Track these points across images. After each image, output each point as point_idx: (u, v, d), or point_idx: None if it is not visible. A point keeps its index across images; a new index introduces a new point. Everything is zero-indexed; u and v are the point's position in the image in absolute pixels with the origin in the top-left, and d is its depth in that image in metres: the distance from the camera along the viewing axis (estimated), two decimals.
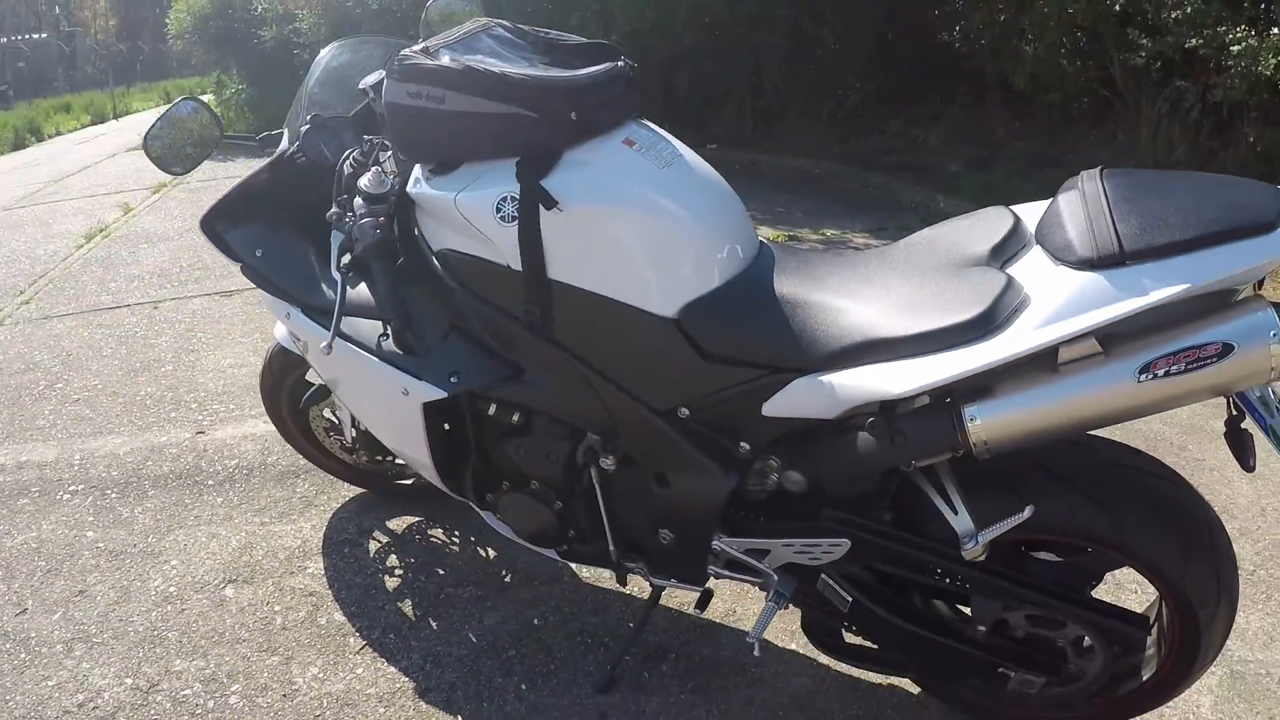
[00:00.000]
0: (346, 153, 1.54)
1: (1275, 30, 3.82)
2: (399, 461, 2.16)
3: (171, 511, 2.32)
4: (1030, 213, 1.26)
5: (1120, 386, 1.06)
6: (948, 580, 1.36)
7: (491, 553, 2.13)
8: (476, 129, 1.30)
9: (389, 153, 1.52)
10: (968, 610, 1.42)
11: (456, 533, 2.20)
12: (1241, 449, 1.09)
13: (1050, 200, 1.19)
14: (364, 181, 1.43)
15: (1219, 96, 4.18)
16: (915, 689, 1.68)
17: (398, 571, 2.07)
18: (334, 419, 2.10)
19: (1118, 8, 4.61)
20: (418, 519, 2.25)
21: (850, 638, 1.55)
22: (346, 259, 1.45)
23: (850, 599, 1.40)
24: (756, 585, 1.52)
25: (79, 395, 2.97)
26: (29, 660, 1.85)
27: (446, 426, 1.60)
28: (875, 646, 1.53)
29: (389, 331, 1.46)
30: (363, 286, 1.48)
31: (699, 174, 1.41)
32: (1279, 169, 4.13)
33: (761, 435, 1.33)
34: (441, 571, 2.07)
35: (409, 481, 2.27)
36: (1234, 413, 1.11)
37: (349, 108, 1.67)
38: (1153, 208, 1.06)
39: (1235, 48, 3.83)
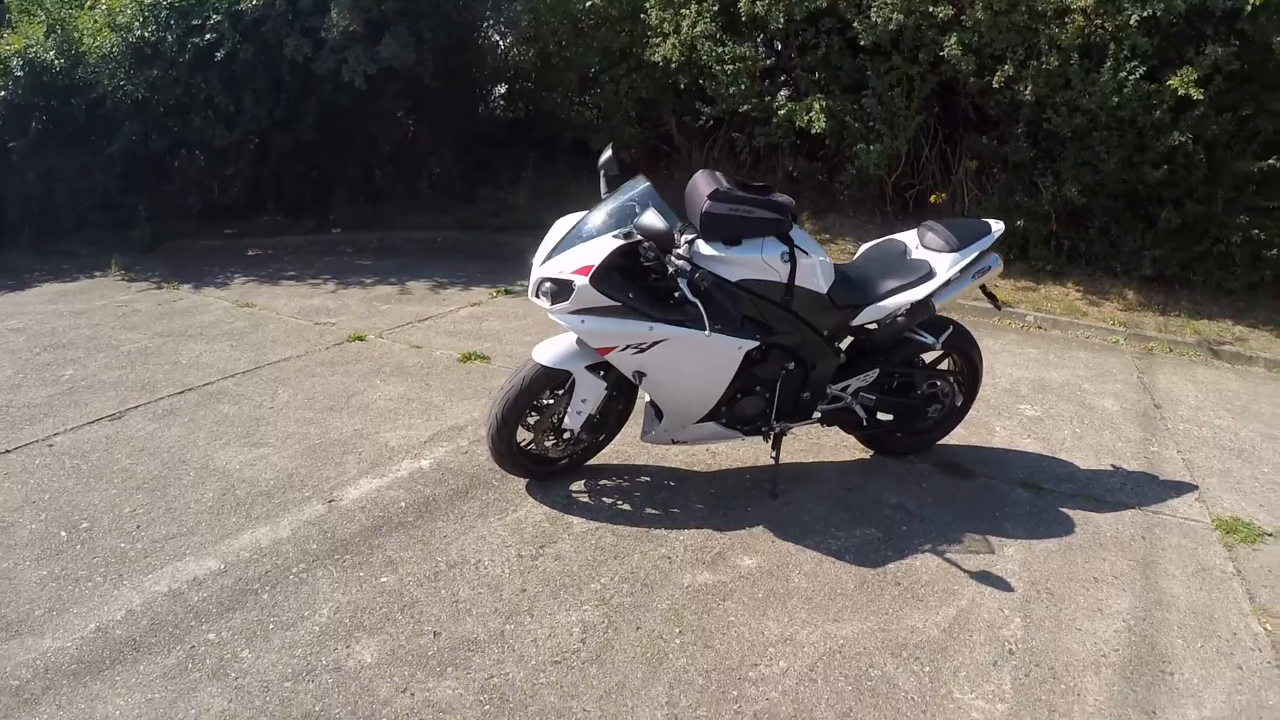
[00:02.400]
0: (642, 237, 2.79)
1: (805, 96, 6.55)
2: (583, 440, 3.27)
3: (419, 546, 2.89)
4: (904, 237, 3.42)
5: (968, 283, 3.32)
6: (907, 377, 3.47)
7: (646, 478, 3.42)
8: (764, 224, 2.87)
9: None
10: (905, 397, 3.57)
11: (612, 478, 3.40)
12: (993, 301, 3.52)
13: (917, 231, 3.37)
14: (681, 251, 2.80)
15: (760, 142, 7.00)
16: (868, 454, 3.74)
17: (620, 504, 3.22)
18: (555, 424, 3.15)
19: (682, 85, 7.14)
20: (582, 480, 3.36)
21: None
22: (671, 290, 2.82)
23: (874, 398, 3.41)
24: (840, 408, 3.37)
25: (128, 526, 2.90)
26: (515, 654, 2.44)
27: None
28: (869, 425, 3.55)
29: (717, 323, 2.84)
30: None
31: None
32: (803, 187, 7.21)
33: (845, 334, 3.24)
34: (638, 495, 3.31)
35: (565, 462, 3.34)
36: (983, 288, 3.49)
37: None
38: (961, 229, 3.33)
39: (781, 111, 6.61)
